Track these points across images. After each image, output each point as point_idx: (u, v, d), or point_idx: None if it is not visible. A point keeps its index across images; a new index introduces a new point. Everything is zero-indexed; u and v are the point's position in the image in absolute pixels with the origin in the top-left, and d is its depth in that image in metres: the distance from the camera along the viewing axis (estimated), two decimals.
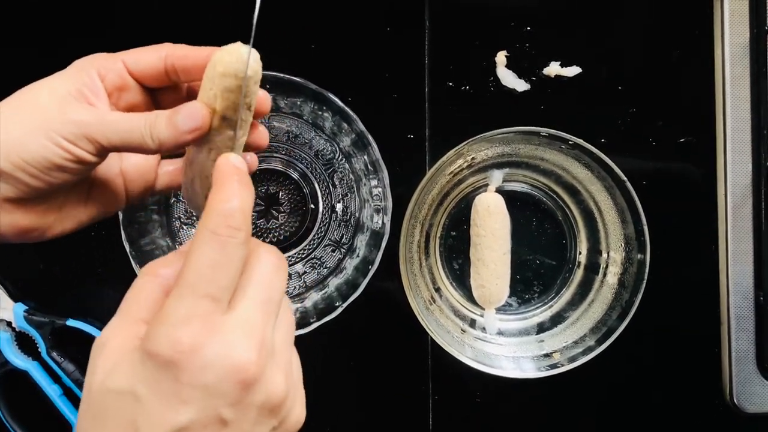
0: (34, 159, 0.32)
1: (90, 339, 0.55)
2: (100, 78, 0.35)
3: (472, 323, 0.57)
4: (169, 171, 0.41)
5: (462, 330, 0.56)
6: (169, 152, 0.35)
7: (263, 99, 0.36)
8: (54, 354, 0.55)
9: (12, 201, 0.34)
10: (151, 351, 0.27)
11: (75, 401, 0.56)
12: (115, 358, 0.29)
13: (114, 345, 0.29)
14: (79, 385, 0.55)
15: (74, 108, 0.33)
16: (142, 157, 0.40)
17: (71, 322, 0.55)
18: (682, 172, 0.58)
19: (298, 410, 0.31)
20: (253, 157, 0.38)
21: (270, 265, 0.31)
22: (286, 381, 0.30)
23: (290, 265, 0.57)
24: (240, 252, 0.30)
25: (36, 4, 0.56)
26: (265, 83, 0.50)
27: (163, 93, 0.38)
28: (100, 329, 0.55)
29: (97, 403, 0.28)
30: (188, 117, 0.33)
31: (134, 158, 0.39)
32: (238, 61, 0.31)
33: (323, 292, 0.54)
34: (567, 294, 0.58)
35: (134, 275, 0.50)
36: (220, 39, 0.58)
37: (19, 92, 0.34)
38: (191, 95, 0.38)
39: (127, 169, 0.39)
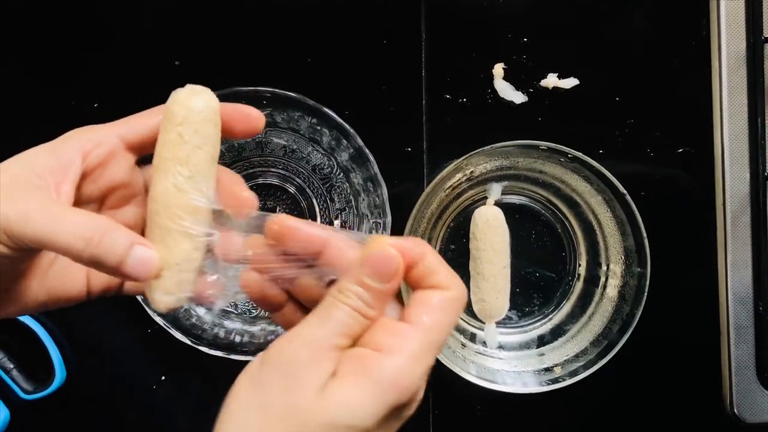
0: None
1: (19, 325, 0.52)
2: (83, 154, 0.33)
3: (473, 337, 0.57)
4: None
5: (462, 345, 0.55)
6: None
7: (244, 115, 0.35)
8: None
9: None
10: (403, 386, 0.30)
11: None
12: (355, 391, 0.29)
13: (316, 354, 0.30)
14: (5, 370, 0.52)
15: (13, 195, 0.31)
16: None
17: None
18: (681, 182, 0.58)
19: None
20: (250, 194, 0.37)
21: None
22: None
23: None
24: None
25: (31, 17, 0.55)
26: (262, 98, 0.50)
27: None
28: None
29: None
30: (140, 263, 0.31)
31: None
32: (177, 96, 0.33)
33: None
34: (567, 306, 0.57)
35: (136, 302, 0.49)
36: (214, 54, 0.57)
37: None
38: None
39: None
